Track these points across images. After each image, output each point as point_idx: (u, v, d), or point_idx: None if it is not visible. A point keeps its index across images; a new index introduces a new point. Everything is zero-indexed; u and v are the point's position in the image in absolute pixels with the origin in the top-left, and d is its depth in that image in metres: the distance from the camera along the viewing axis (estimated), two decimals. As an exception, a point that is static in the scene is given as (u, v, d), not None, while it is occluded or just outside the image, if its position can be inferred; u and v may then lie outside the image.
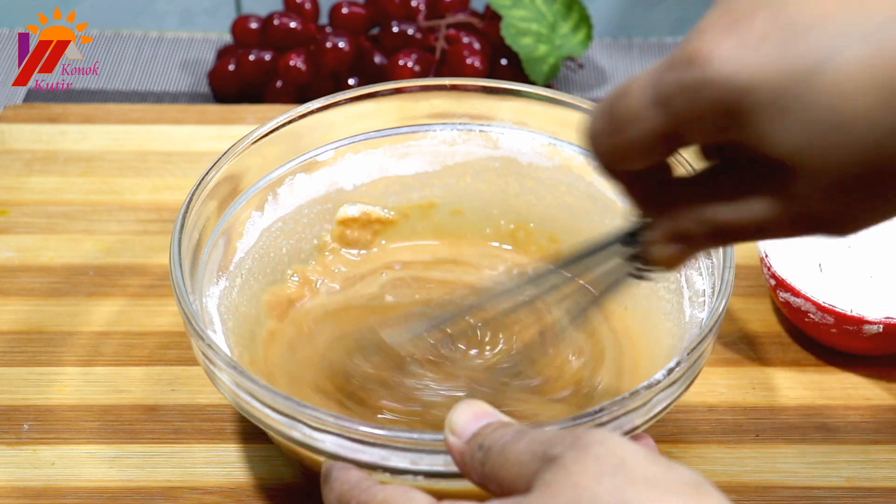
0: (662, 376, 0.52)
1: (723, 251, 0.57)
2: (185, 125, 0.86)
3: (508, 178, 0.70)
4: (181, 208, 0.60)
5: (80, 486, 0.61)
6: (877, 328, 0.64)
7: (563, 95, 0.68)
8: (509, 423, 0.46)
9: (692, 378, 0.55)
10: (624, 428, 0.52)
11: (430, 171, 0.70)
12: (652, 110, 0.43)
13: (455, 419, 0.47)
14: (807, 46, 0.39)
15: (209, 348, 0.54)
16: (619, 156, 0.45)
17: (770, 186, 0.43)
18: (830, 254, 0.69)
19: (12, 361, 0.68)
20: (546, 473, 0.42)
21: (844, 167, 0.40)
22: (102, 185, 0.80)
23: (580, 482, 0.41)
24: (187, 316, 0.55)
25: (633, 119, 0.43)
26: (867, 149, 0.39)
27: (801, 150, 0.40)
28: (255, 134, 0.64)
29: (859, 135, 0.39)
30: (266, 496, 0.61)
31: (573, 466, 0.41)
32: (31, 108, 0.88)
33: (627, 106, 0.43)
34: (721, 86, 0.40)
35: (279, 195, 0.67)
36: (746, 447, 0.64)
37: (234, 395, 0.54)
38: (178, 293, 0.56)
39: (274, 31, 0.91)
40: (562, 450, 0.42)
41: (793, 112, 0.40)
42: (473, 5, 0.97)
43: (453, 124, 0.70)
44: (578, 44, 0.93)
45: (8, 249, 0.75)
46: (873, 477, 0.62)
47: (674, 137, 0.43)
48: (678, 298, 0.62)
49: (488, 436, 0.46)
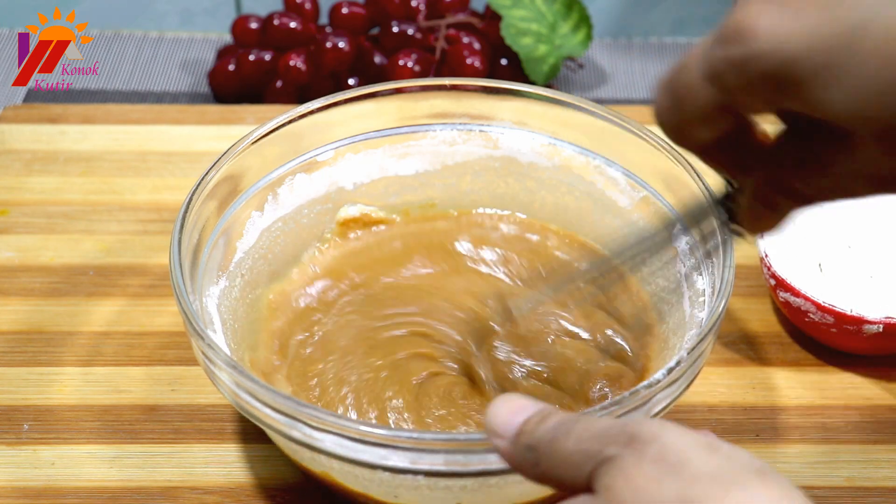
0: (662, 375, 0.52)
1: (722, 251, 0.57)
2: (185, 125, 0.86)
3: (508, 178, 0.70)
4: (181, 208, 0.60)
5: (80, 486, 0.61)
6: (877, 328, 0.64)
7: (563, 95, 0.68)
8: (548, 414, 0.45)
9: (692, 378, 0.55)
10: None
11: (430, 170, 0.70)
12: (705, 85, 0.44)
13: (493, 421, 0.46)
14: (846, 10, 0.40)
15: (209, 348, 0.54)
16: (685, 129, 0.47)
17: (837, 149, 0.44)
18: (830, 254, 0.69)
19: (12, 361, 0.68)
20: (605, 477, 0.41)
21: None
22: (102, 185, 0.80)
23: (641, 486, 0.40)
24: (187, 316, 0.55)
25: (690, 94, 0.45)
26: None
27: (854, 113, 0.41)
28: (255, 134, 0.64)
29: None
30: (266, 496, 0.61)
31: (632, 470, 0.41)
32: (31, 108, 0.88)
33: (683, 81, 0.45)
34: (767, 59, 0.41)
35: (279, 195, 0.67)
36: (746, 447, 0.63)
37: (233, 395, 0.54)
38: (178, 293, 0.56)
39: (274, 31, 0.91)
40: (617, 450, 0.41)
41: (841, 77, 0.40)
42: (473, 5, 0.97)
43: (453, 124, 0.70)
44: (578, 44, 0.93)
45: (8, 249, 0.75)
46: (873, 477, 0.62)
47: (731, 109, 0.45)
48: (678, 298, 0.62)
49: (532, 433, 0.44)
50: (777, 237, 0.69)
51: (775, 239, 0.69)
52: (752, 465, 0.41)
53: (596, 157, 0.68)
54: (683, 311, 0.61)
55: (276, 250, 0.67)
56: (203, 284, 0.61)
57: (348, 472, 0.55)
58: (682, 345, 0.59)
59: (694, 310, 0.60)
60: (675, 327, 0.62)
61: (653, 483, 0.40)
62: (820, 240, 0.70)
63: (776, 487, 0.40)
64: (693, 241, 0.61)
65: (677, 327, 0.61)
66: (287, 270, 0.67)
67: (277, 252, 0.67)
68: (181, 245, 0.58)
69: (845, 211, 0.72)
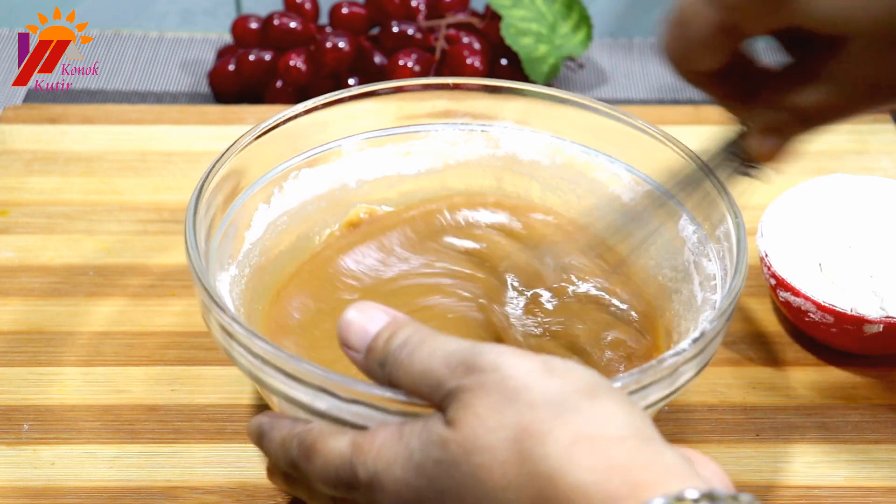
0: (688, 345, 0.52)
1: (736, 235, 0.58)
2: (185, 125, 0.86)
3: (511, 176, 0.71)
4: (193, 195, 0.59)
5: (80, 486, 0.61)
6: (877, 328, 0.64)
7: (565, 94, 0.67)
8: (399, 327, 0.47)
9: (712, 353, 0.55)
10: (649, 399, 0.52)
11: (432, 169, 0.71)
12: (705, 6, 0.48)
13: (346, 333, 0.49)
14: None
15: (233, 322, 0.52)
16: (690, 57, 0.50)
17: (832, 58, 0.47)
18: (830, 253, 0.69)
19: (12, 361, 0.68)
20: (450, 410, 0.44)
21: (888, 26, 0.45)
22: (102, 185, 0.80)
23: (483, 416, 0.43)
24: (207, 292, 0.54)
25: (691, 18, 0.48)
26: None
27: (844, 18, 0.45)
28: (259, 129, 0.64)
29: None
30: (266, 496, 0.61)
31: (474, 401, 0.44)
32: (31, 108, 0.88)
33: (684, 7, 0.48)
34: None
35: (284, 190, 0.67)
36: (746, 447, 0.64)
37: (253, 369, 0.53)
38: (197, 272, 0.55)
39: (274, 31, 0.91)
40: (459, 381, 0.44)
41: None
42: (473, 5, 0.97)
43: (455, 123, 0.70)
44: (578, 44, 0.93)
45: (8, 249, 0.75)
46: (873, 477, 0.62)
47: (732, 30, 0.48)
48: (689, 286, 0.62)
49: (383, 350, 0.47)
50: (777, 237, 0.69)
51: (776, 238, 0.69)
52: (584, 385, 0.44)
53: (599, 155, 0.68)
54: (695, 295, 0.62)
55: (282, 244, 0.67)
56: (213, 272, 0.60)
57: None
58: (695, 326, 0.59)
59: (706, 293, 0.61)
60: (684, 311, 0.62)
61: (494, 412, 0.43)
62: (820, 240, 0.70)
63: (609, 404, 0.43)
64: (700, 231, 0.62)
65: (686, 311, 0.62)
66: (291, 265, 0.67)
67: (284, 246, 0.67)
68: (196, 229, 0.57)
69: (845, 211, 0.72)
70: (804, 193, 0.72)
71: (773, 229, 0.70)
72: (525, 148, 0.70)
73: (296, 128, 0.66)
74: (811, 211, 0.72)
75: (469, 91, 0.69)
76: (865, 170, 0.82)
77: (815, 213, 0.71)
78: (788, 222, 0.71)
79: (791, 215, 0.71)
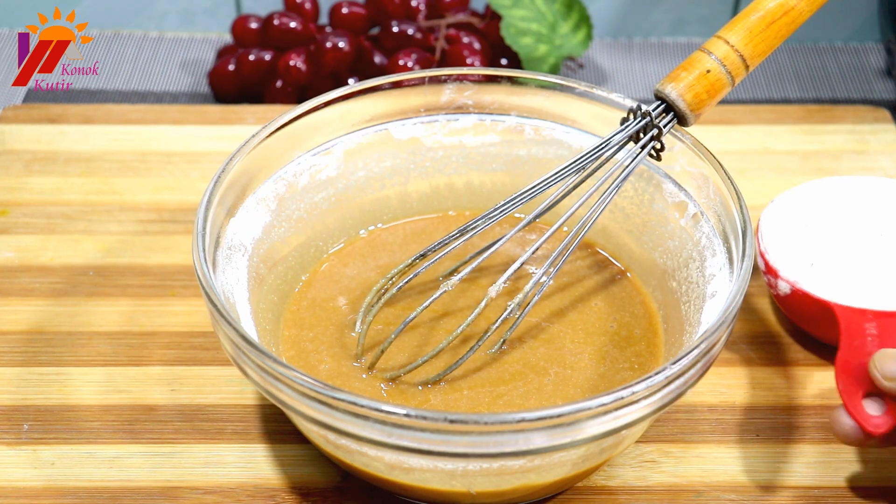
0: (715, 328, 0.54)
1: (741, 221, 0.58)
2: (185, 125, 0.86)
3: (519, 168, 0.71)
4: (201, 202, 0.59)
5: (80, 486, 0.61)
6: (874, 326, 0.64)
7: (575, 83, 0.67)
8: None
9: (708, 366, 0.56)
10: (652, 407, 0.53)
11: (440, 162, 0.71)
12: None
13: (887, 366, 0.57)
14: None
15: (242, 340, 0.53)
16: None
17: None
18: (830, 253, 0.69)
19: (12, 361, 0.68)
20: None
21: None
22: (102, 185, 0.80)
23: None
24: (217, 308, 0.54)
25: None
26: None
27: None
28: (266, 129, 0.64)
29: None
30: (266, 496, 0.61)
31: None
32: (31, 108, 0.88)
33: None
34: None
35: (290, 188, 0.67)
36: (746, 447, 0.64)
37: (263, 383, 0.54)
38: (206, 286, 0.55)
39: (274, 31, 0.91)
40: None
41: None
42: (473, 5, 0.97)
43: (460, 115, 0.70)
44: (578, 44, 0.93)
45: (8, 250, 0.75)
46: (873, 477, 0.62)
47: None
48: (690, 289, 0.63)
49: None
50: (777, 236, 0.69)
51: (775, 238, 0.69)
52: None
53: None
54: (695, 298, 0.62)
55: (289, 245, 0.67)
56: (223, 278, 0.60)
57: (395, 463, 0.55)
58: (698, 318, 0.60)
59: (707, 286, 0.61)
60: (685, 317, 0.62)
61: None
62: (816, 235, 0.70)
63: None
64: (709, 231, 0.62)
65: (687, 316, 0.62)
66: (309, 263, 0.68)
67: (291, 247, 0.67)
68: (204, 241, 0.58)
69: (842, 206, 0.72)
70: (804, 193, 0.72)
71: (773, 229, 0.70)
72: (533, 140, 0.70)
73: (296, 128, 0.66)
74: (811, 211, 0.72)
75: (476, 83, 0.69)
76: (865, 170, 0.82)
77: (814, 213, 0.71)
78: (788, 222, 0.71)
79: (791, 215, 0.71)
